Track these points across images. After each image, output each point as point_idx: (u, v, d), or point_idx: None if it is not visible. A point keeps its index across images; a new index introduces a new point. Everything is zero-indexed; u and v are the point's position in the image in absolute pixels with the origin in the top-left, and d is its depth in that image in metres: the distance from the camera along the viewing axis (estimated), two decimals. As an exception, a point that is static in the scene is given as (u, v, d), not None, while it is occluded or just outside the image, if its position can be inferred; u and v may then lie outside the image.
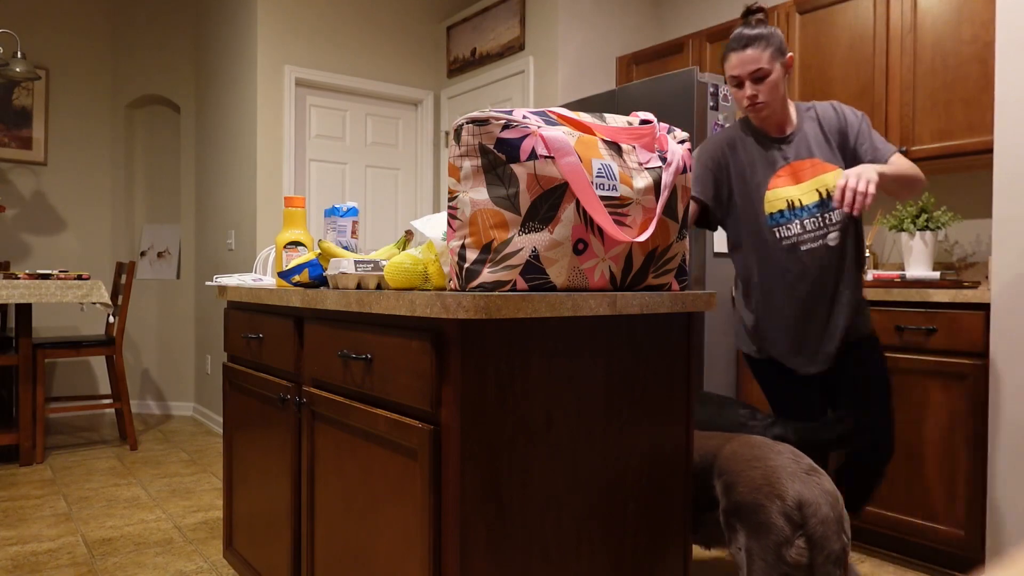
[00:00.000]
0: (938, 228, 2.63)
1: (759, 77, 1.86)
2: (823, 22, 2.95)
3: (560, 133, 1.27)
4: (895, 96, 2.73)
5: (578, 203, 1.28)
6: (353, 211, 1.94)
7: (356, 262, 1.51)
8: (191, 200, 4.94)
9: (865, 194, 1.68)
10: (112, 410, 5.03)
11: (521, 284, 1.26)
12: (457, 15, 4.49)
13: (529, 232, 1.26)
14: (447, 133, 4.60)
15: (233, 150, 4.30)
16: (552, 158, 1.26)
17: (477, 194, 1.26)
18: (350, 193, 4.45)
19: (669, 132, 1.47)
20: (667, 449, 1.45)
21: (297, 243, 1.86)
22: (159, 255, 5.02)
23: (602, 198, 1.31)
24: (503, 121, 1.25)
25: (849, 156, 1.95)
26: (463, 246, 1.27)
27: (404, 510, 1.27)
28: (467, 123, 1.27)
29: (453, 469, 1.16)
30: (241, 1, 4.17)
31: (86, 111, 4.93)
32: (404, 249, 1.67)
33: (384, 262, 1.55)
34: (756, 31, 1.87)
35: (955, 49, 2.56)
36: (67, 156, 4.87)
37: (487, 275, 1.25)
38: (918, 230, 2.64)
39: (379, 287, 1.53)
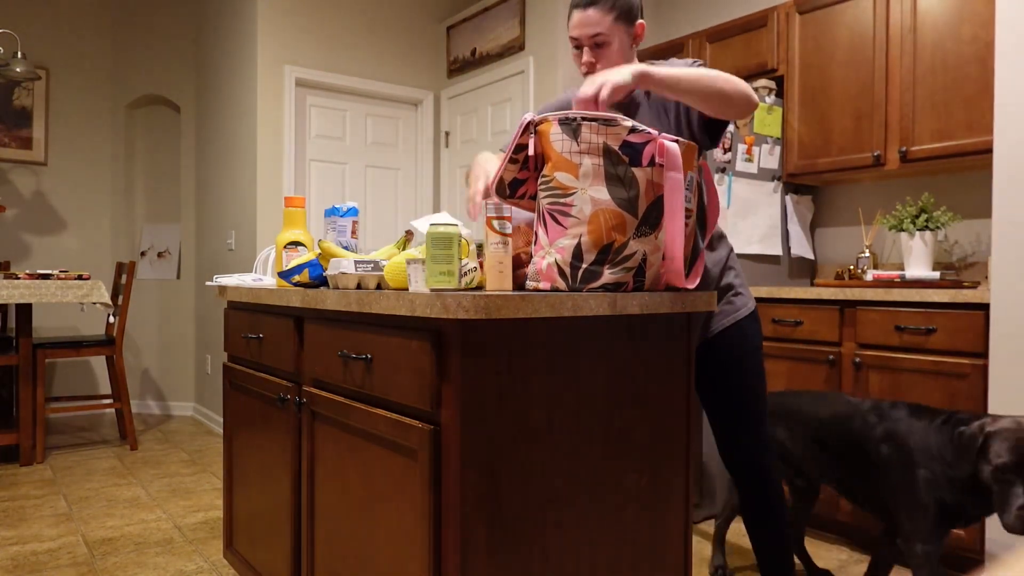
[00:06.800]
0: (938, 228, 2.63)
1: (599, 43, 1.59)
2: (823, 22, 2.95)
3: (676, 147, 1.29)
4: (895, 96, 2.73)
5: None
6: (353, 211, 1.93)
7: (356, 262, 1.51)
8: (191, 200, 4.94)
9: (596, 100, 1.36)
10: (112, 410, 5.03)
11: (631, 285, 1.31)
12: (457, 15, 4.48)
13: (640, 236, 1.29)
14: (447, 133, 4.60)
15: (233, 150, 4.30)
16: (662, 167, 1.29)
17: (598, 193, 1.27)
18: (350, 193, 4.45)
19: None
20: (667, 449, 1.45)
21: (297, 243, 1.86)
22: (159, 255, 5.02)
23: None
24: (630, 124, 1.27)
25: (683, 117, 1.62)
26: (578, 245, 1.28)
27: (404, 510, 1.27)
28: (591, 121, 1.27)
29: (453, 469, 1.16)
30: (241, 1, 4.17)
31: (86, 111, 4.93)
32: (404, 249, 1.67)
33: (384, 262, 1.55)
34: None
35: (955, 49, 2.56)
36: (67, 156, 4.87)
37: (608, 276, 1.28)
38: (918, 230, 2.64)
39: (379, 287, 1.53)
